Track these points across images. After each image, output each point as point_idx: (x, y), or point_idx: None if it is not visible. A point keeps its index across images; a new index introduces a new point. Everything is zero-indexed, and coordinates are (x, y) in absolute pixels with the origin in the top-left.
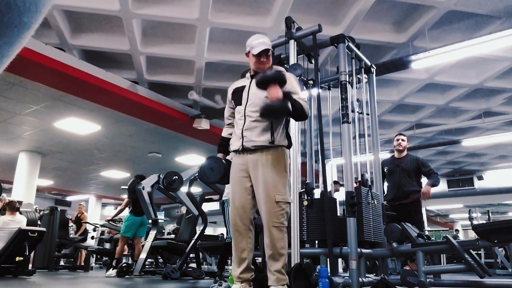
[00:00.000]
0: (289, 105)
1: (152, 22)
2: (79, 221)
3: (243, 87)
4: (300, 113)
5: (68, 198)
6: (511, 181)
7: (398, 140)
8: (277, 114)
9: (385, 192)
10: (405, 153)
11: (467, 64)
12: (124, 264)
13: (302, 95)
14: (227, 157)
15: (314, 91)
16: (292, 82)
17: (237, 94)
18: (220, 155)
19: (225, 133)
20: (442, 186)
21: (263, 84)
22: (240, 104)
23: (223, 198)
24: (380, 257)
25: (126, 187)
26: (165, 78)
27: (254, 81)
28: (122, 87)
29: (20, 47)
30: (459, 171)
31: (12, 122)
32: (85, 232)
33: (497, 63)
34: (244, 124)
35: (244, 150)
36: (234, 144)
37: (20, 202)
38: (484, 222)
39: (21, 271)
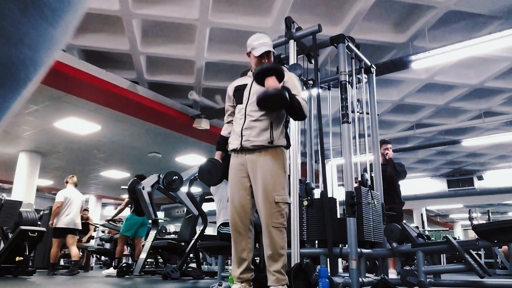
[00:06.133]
0: (287, 95)
1: (152, 22)
2: (86, 225)
3: (245, 85)
4: (298, 110)
5: None
6: (511, 181)
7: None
8: (274, 103)
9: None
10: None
11: (467, 64)
12: (124, 264)
13: (303, 95)
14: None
15: (314, 91)
16: (294, 81)
17: (239, 93)
18: (218, 154)
19: (224, 131)
20: (442, 186)
21: (260, 76)
22: (241, 103)
23: (217, 224)
24: (380, 257)
25: (126, 187)
26: (165, 78)
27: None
28: (122, 87)
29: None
30: (459, 171)
31: (12, 122)
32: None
33: (497, 63)
34: (244, 123)
35: (242, 149)
36: (233, 143)
37: (20, 202)
38: (484, 222)
39: (21, 271)
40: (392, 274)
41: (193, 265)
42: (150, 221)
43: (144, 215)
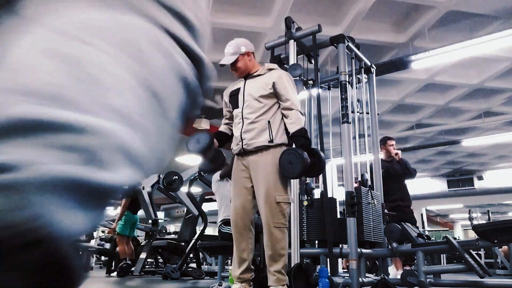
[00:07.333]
0: (323, 163)
1: None
2: None
3: (238, 89)
4: (307, 136)
5: None
6: (511, 181)
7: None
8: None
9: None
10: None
11: (467, 64)
12: (124, 265)
13: (294, 100)
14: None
15: (314, 91)
16: (284, 83)
17: (234, 98)
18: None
19: (221, 128)
20: (442, 186)
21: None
22: (237, 107)
23: (218, 222)
24: (380, 257)
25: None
26: None
27: (248, 82)
28: None
29: None
30: (459, 171)
31: None
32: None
33: (497, 63)
34: (243, 126)
35: (245, 152)
36: (235, 148)
37: None
38: (484, 222)
39: None
40: (398, 275)
41: (193, 265)
42: (150, 221)
43: (138, 213)
